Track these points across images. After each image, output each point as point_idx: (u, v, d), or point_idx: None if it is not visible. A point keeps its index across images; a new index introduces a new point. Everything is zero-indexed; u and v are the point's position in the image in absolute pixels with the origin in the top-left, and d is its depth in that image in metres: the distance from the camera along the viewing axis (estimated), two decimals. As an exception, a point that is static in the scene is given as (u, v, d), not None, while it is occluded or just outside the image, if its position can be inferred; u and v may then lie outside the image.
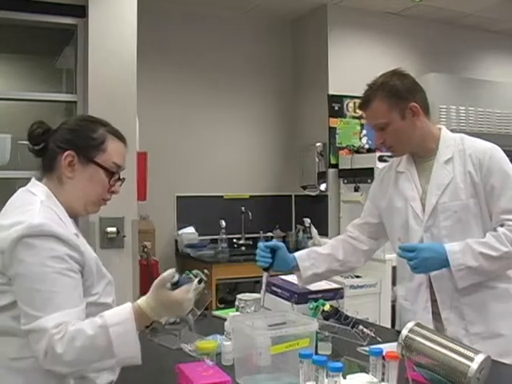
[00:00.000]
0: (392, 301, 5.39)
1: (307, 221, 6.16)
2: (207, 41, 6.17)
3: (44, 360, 1.58)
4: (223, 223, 5.90)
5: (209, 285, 4.44)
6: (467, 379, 1.67)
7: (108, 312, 1.68)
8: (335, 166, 6.09)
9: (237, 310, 2.53)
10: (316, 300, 2.48)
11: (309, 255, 2.62)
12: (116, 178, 1.91)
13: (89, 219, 4.16)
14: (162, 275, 1.74)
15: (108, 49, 4.43)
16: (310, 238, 5.98)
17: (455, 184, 2.35)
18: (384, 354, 1.74)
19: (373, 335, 2.31)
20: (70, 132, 1.87)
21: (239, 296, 2.57)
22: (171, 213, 6.01)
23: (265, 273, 2.53)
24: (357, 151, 5.96)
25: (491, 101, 6.64)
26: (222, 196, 6.25)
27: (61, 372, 1.61)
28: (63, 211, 1.81)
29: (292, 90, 6.70)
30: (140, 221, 4.93)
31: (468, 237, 2.29)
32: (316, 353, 2.04)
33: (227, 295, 5.75)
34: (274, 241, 2.69)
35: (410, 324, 1.86)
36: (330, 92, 6.11)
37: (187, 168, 6.05)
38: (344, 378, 1.72)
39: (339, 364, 1.59)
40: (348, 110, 6.16)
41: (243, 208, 6.17)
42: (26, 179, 1.91)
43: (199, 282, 1.90)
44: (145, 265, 5.07)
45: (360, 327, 2.33)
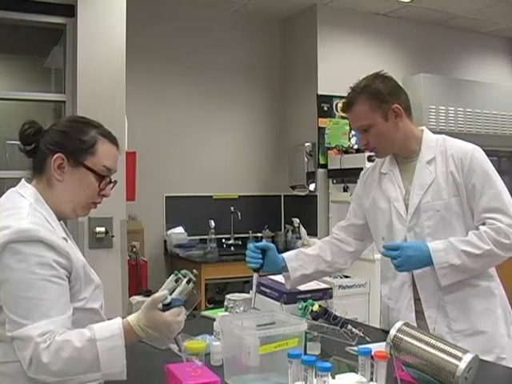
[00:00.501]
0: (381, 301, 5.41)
1: (296, 221, 6.17)
2: (196, 41, 6.17)
3: (29, 368, 1.57)
4: (212, 223, 5.88)
5: (198, 285, 4.43)
6: (455, 379, 1.68)
7: (97, 325, 1.66)
8: (324, 166, 6.10)
9: (226, 310, 2.52)
10: (305, 300, 2.48)
11: (297, 256, 2.64)
12: (107, 182, 1.88)
13: (77, 219, 4.15)
14: (154, 296, 1.71)
15: (97, 48, 4.41)
16: (299, 238, 5.99)
17: (437, 184, 2.37)
18: (373, 354, 1.74)
19: (361, 335, 2.31)
20: (60, 134, 1.84)
21: (228, 296, 2.56)
22: (160, 213, 6.00)
23: (255, 274, 2.53)
24: (346, 151, 5.98)
25: (480, 101, 6.68)
26: (211, 196, 6.24)
27: (45, 381, 1.59)
28: (52, 214, 1.79)
29: (281, 90, 6.70)
30: (129, 221, 4.91)
31: (451, 235, 2.32)
32: (305, 353, 2.04)
33: (216, 295, 5.76)
34: (264, 241, 2.68)
35: (399, 324, 1.86)
36: (319, 92, 6.12)
37: (176, 168, 6.04)
38: (333, 378, 1.72)
39: (328, 364, 1.59)
40: (337, 110, 6.17)
41: (232, 208, 6.17)
42: (14, 179, 1.89)
43: (188, 283, 1.90)
44: (133, 265, 5.07)
45: (349, 327, 2.33)
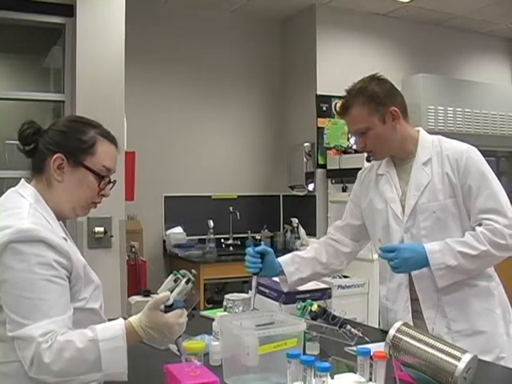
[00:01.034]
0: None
1: (295, 221, 6.17)
2: (195, 41, 6.17)
3: (30, 368, 1.57)
4: (211, 223, 5.88)
5: (196, 285, 4.43)
6: (454, 379, 1.68)
7: (100, 326, 1.66)
8: (323, 166, 6.11)
9: (225, 310, 2.53)
10: (304, 300, 2.48)
11: (293, 260, 2.64)
12: (106, 182, 1.88)
13: (76, 219, 4.15)
14: (157, 297, 1.72)
15: (96, 48, 4.41)
16: (298, 238, 5.99)
17: (433, 185, 2.38)
18: (372, 354, 1.74)
19: (360, 335, 2.31)
20: (60, 134, 1.84)
21: (227, 296, 2.56)
22: (159, 213, 6.00)
23: (254, 276, 2.53)
24: (345, 151, 5.98)
25: (479, 102, 6.68)
26: (210, 196, 6.25)
27: (46, 381, 1.59)
28: (52, 214, 1.79)
29: (280, 90, 6.70)
30: (128, 221, 4.92)
31: (447, 236, 2.32)
32: (304, 353, 2.04)
33: (215, 295, 5.76)
34: (263, 245, 2.68)
35: (398, 324, 1.87)
36: (318, 92, 6.12)
37: (175, 168, 6.04)
38: (332, 378, 1.72)
39: (327, 364, 1.59)
40: (336, 111, 6.16)
41: (231, 208, 6.17)
42: (14, 179, 1.89)
43: (187, 282, 1.90)
44: (132, 265, 5.07)
45: (348, 327, 2.33)
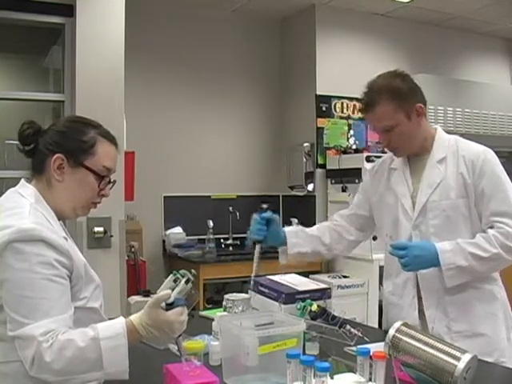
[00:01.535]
0: (379, 300, 5.41)
1: (295, 221, 6.15)
2: (195, 41, 6.16)
3: (31, 367, 1.57)
4: (211, 223, 5.88)
5: (196, 285, 4.42)
6: (454, 379, 1.68)
7: (101, 324, 1.67)
8: (323, 167, 6.10)
9: (224, 310, 2.52)
10: (303, 300, 2.47)
11: (297, 233, 2.66)
12: (106, 182, 1.89)
13: (76, 219, 4.14)
14: (158, 295, 1.72)
15: (96, 48, 4.42)
16: (298, 238, 5.98)
17: (446, 183, 2.37)
18: (371, 354, 1.75)
19: (360, 335, 2.31)
20: (60, 134, 1.84)
21: (227, 296, 2.56)
22: (158, 213, 5.99)
23: (258, 245, 2.55)
24: (344, 151, 5.99)
25: (479, 102, 6.68)
26: (210, 196, 6.24)
27: (47, 380, 1.60)
28: (52, 214, 1.79)
29: (280, 90, 6.70)
30: (127, 221, 4.92)
31: (455, 236, 2.31)
32: (303, 353, 2.04)
33: (215, 295, 5.75)
34: (269, 212, 2.62)
35: (397, 324, 1.87)
36: (318, 92, 6.11)
37: (175, 168, 6.03)
38: (331, 378, 1.72)
39: (326, 364, 1.59)
40: (336, 111, 6.18)
41: (231, 208, 6.16)
42: (13, 179, 1.89)
43: (186, 282, 1.89)
44: (132, 265, 5.06)
45: (347, 327, 2.33)
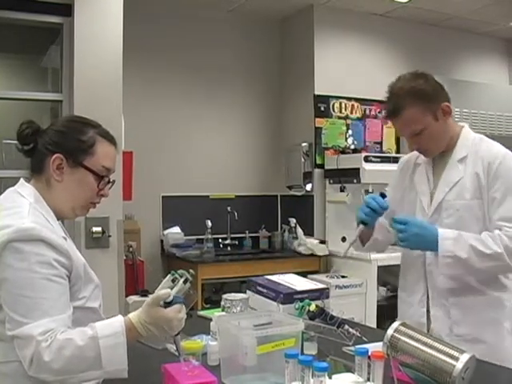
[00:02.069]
0: (378, 300, 5.42)
1: (293, 221, 6.17)
2: (193, 40, 6.15)
3: (30, 367, 1.57)
4: (209, 223, 5.88)
5: (194, 285, 4.42)
6: (452, 378, 1.68)
7: (99, 323, 1.67)
8: (321, 167, 6.10)
9: (223, 310, 2.52)
10: (302, 300, 2.48)
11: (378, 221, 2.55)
12: (105, 182, 1.89)
13: (74, 219, 4.14)
14: (158, 294, 1.73)
15: (94, 48, 4.41)
16: (296, 238, 6.00)
17: (463, 183, 2.35)
18: (369, 354, 1.75)
19: (358, 335, 2.31)
20: (59, 134, 1.84)
21: (225, 296, 2.56)
22: (157, 213, 5.99)
23: (361, 226, 2.47)
24: (342, 151, 6.00)
25: (476, 102, 6.68)
26: (208, 196, 6.24)
27: (46, 379, 1.60)
28: (51, 214, 1.79)
29: (278, 90, 6.70)
30: (125, 221, 4.92)
31: None
32: (302, 353, 2.04)
33: (213, 295, 5.75)
34: (387, 201, 2.48)
35: (396, 324, 1.87)
36: (316, 92, 6.11)
37: (173, 168, 6.03)
38: (329, 378, 1.72)
39: (325, 364, 1.59)
40: (334, 111, 6.18)
41: (229, 208, 6.16)
42: (12, 179, 1.89)
43: (185, 282, 1.89)
44: (130, 265, 5.05)
45: (346, 327, 2.33)
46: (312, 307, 2.41)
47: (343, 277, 5.50)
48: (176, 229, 5.90)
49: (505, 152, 2.35)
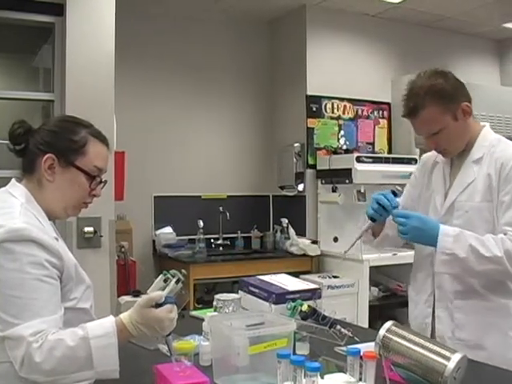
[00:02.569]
0: (370, 301, 5.43)
1: (285, 221, 6.18)
2: (185, 41, 6.15)
3: (21, 368, 1.57)
4: (201, 223, 5.87)
5: (186, 285, 4.42)
6: (444, 378, 1.68)
7: (90, 324, 1.66)
8: (313, 167, 6.11)
9: (215, 310, 2.52)
10: (294, 300, 2.48)
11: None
12: (97, 182, 1.88)
13: (66, 219, 4.13)
14: (150, 296, 1.73)
15: (86, 47, 4.40)
16: (288, 239, 6.00)
17: (475, 185, 2.31)
18: (361, 354, 1.75)
19: (350, 335, 2.31)
20: (51, 134, 1.84)
21: (217, 296, 2.56)
22: (149, 213, 5.98)
23: (370, 222, 2.46)
24: (334, 152, 6.00)
25: (468, 103, 6.69)
26: (200, 196, 6.23)
27: (37, 380, 1.59)
28: (43, 214, 1.79)
29: (270, 91, 6.69)
30: (117, 221, 4.90)
31: None
32: (294, 353, 2.04)
33: (205, 295, 5.74)
34: (398, 200, 2.46)
35: (388, 324, 1.87)
36: (308, 93, 6.11)
37: (165, 168, 6.02)
38: (322, 378, 1.72)
39: (317, 364, 1.59)
40: (326, 111, 6.18)
41: (221, 208, 6.16)
42: (3, 179, 1.88)
43: (177, 282, 1.90)
44: (122, 265, 5.05)
45: (338, 327, 2.34)
46: (304, 307, 2.41)
47: (335, 277, 5.50)
48: (168, 229, 5.89)
49: None
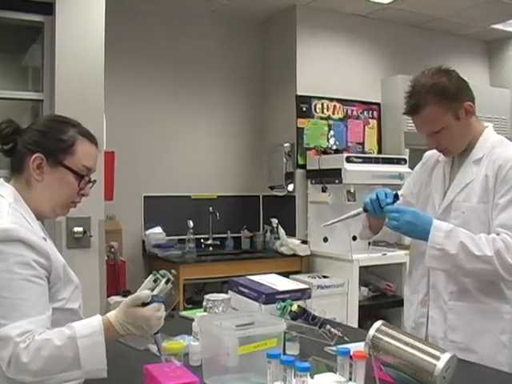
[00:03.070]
0: (359, 301, 5.43)
1: (275, 221, 6.18)
2: (174, 40, 6.14)
3: (8, 368, 1.56)
4: (191, 223, 5.87)
5: (176, 285, 4.41)
6: (433, 378, 1.69)
7: (77, 323, 1.66)
8: (303, 167, 6.11)
9: (205, 311, 2.52)
10: (284, 300, 2.48)
11: None
12: (86, 181, 1.88)
13: (55, 219, 4.12)
14: (137, 295, 1.72)
15: (75, 47, 4.38)
16: (278, 239, 6.00)
17: (473, 186, 2.30)
18: (351, 354, 1.75)
19: (340, 335, 2.32)
20: (39, 133, 1.83)
21: (207, 296, 2.55)
22: (138, 213, 5.96)
23: (360, 209, 2.45)
24: (324, 152, 6.00)
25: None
26: (190, 196, 6.22)
27: (24, 381, 1.58)
28: (31, 214, 1.78)
29: (260, 91, 6.70)
30: (107, 221, 4.89)
31: None
32: (284, 353, 2.04)
33: (195, 295, 5.74)
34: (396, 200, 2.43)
35: (377, 323, 1.87)
36: (298, 93, 6.12)
37: (154, 168, 6.01)
38: (312, 378, 1.72)
39: (307, 364, 1.60)
40: (316, 111, 6.19)
41: (211, 208, 6.15)
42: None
43: (166, 283, 1.89)
44: (112, 265, 5.04)
45: (327, 327, 2.34)
46: (294, 307, 2.41)
47: (325, 277, 5.51)
48: (158, 229, 5.88)
49: None
